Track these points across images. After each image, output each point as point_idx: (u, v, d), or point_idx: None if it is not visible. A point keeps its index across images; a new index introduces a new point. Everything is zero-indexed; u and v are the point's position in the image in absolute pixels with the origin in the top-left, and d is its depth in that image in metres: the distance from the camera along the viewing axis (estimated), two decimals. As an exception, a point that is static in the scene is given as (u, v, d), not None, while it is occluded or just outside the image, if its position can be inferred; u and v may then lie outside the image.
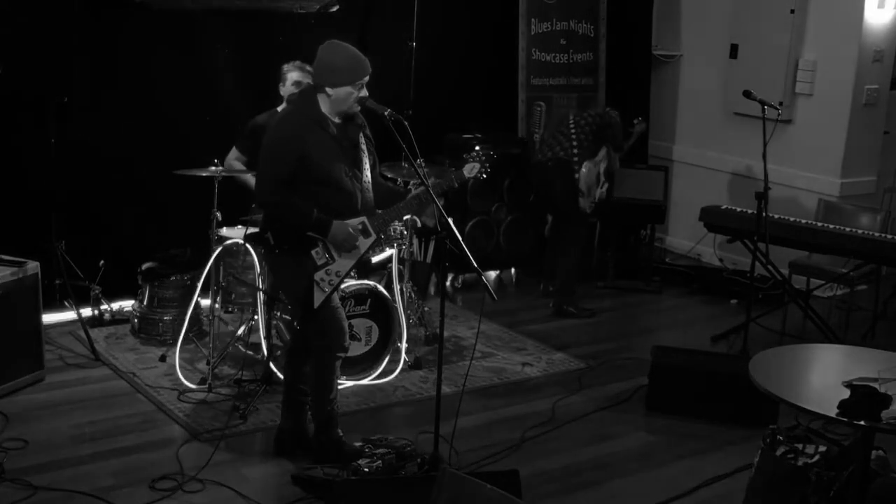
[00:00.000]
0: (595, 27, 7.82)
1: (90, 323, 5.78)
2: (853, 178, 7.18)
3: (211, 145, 5.48)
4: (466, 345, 5.96)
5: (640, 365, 5.65)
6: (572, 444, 4.85)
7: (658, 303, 7.16)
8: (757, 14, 7.45)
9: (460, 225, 6.62)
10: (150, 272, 5.79)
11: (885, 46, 7.09)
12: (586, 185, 6.53)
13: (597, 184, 6.58)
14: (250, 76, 6.34)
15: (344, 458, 4.33)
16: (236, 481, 4.27)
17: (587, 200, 6.56)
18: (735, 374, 4.90)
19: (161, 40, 6.09)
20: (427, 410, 4.61)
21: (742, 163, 7.43)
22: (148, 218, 6.15)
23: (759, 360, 3.89)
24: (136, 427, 4.74)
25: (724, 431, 5.02)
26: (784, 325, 6.42)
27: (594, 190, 6.59)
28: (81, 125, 5.86)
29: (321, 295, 4.23)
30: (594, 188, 6.58)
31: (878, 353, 4.06)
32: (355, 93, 4.20)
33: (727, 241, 6.64)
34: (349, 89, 4.20)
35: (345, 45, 4.28)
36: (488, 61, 7.48)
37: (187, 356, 5.44)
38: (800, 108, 7.36)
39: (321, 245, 4.23)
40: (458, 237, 4.13)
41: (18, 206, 5.75)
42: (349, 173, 4.29)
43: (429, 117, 6.75)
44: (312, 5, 6.47)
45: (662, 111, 8.28)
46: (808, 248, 6.35)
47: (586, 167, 6.49)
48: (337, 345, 4.37)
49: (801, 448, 3.89)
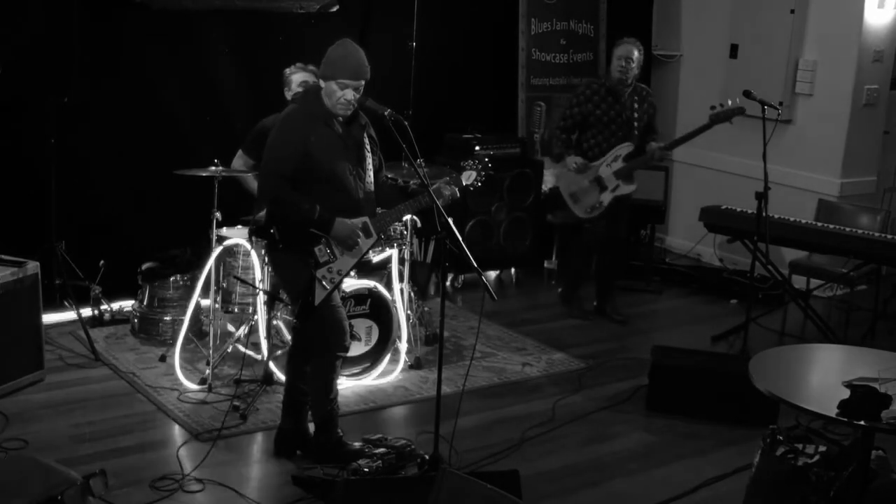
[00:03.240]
0: (595, 27, 7.82)
1: (90, 323, 5.78)
2: (853, 178, 7.18)
3: (211, 145, 5.48)
4: (466, 345, 5.96)
5: (640, 365, 5.65)
6: (572, 444, 4.85)
7: (658, 303, 7.16)
8: (757, 14, 7.45)
9: (460, 225, 6.61)
10: (150, 272, 5.79)
11: (885, 46, 7.09)
12: (567, 193, 6.34)
13: (597, 188, 6.25)
14: (250, 76, 6.35)
15: (344, 458, 4.33)
16: (236, 481, 4.27)
17: (580, 207, 6.33)
18: (735, 374, 4.90)
19: (161, 40, 6.09)
20: (427, 410, 4.62)
21: (742, 163, 7.43)
22: (148, 218, 6.15)
23: (759, 360, 3.89)
24: (136, 427, 4.74)
25: (724, 431, 5.02)
26: (784, 325, 6.42)
27: (588, 196, 6.27)
28: (81, 125, 5.86)
29: (322, 292, 4.24)
30: (588, 194, 6.27)
31: (878, 353, 4.06)
32: (338, 91, 4.17)
33: (727, 241, 6.64)
34: (333, 85, 4.18)
35: (351, 45, 4.27)
36: (488, 61, 7.48)
37: (187, 356, 5.44)
38: (800, 108, 7.36)
39: (324, 242, 4.25)
40: (458, 237, 4.13)
41: (18, 207, 5.75)
42: (353, 172, 4.29)
43: (429, 117, 6.76)
44: (312, 5, 6.47)
45: (662, 111, 8.26)
46: (808, 248, 6.35)
47: (555, 174, 6.35)
48: (337, 344, 4.37)
49: (801, 448, 3.89)
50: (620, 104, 6.18)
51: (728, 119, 5.99)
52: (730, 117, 5.98)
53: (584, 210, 6.33)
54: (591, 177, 6.23)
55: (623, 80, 6.15)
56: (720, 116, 5.96)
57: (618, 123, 6.19)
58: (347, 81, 4.17)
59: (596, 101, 6.21)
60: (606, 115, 6.19)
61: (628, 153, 6.19)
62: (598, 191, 6.26)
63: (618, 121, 6.19)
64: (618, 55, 6.17)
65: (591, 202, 6.29)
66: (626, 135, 6.21)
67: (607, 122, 6.20)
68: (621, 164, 6.20)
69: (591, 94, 6.23)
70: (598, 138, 6.24)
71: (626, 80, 6.14)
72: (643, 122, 6.26)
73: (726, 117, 5.97)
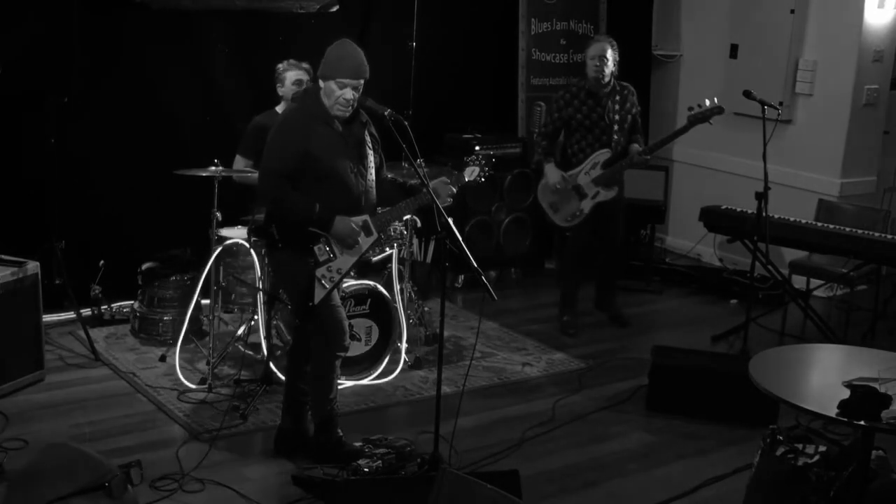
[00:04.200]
0: (595, 27, 7.82)
1: (90, 323, 5.78)
2: (853, 178, 7.18)
3: (211, 145, 5.48)
4: (466, 345, 5.96)
5: (640, 365, 5.65)
6: (572, 444, 4.85)
7: (658, 303, 7.16)
8: (757, 14, 7.45)
9: (460, 225, 6.61)
10: (150, 272, 5.79)
11: (885, 46, 7.09)
12: (547, 203, 6.25)
13: (576, 196, 6.12)
14: (250, 76, 6.34)
15: (344, 458, 4.33)
16: (236, 481, 4.27)
17: (559, 216, 6.22)
18: (735, 374, 4.90)
19: (161, 40, 6.09)
20: (427, 410, 4.61)
21: (742, 163, 7.43)
22: (148, 218, 6.15)
23: (759, 360, 3.89)
24: (136, 427, 4.75)
25: (724, 431, 5.02)
26: (784, 325, 6.42)
27: (567, 205, 6.16)
28: (81, 125, 5.86)
29: (322, 291, 4.24)
30: (567, 203, 6.15)
31: (878, 353, 4.06)
32: (337, 91, 4.17)
33: (727, 241, 6.64)
34: (332, 85, 4.19)
35: (350, 45, 4.27)
36: (488, 61, 7.48)
37: (187, 356, 5.44)
38: (800, 108, 7.36)
39: (324, 241, 4.25)
40: (458, 237, 4.13)
41: (18, 206, 5.75)
42: (353, 170, 4.30)
43: (429, 117, 6.76)
44: (312, 5, 6.47)
45: (662, 111, 8.28)
46: (808, 248, 6.35)
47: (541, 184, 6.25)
48: (337, 344, 4.37)
49: (801, 448, 3.89)
50: (602, 106, 6.05)
51: (706, 119, 5.91)
52: (708, 118, 5.91)
53: (565, 219, 6.23)
54: (570, 185, 6.14)
55: (599, 80, 6.00)
56: (698, 117, 5.91)
57: (601, 127, 6.06)
58: (347, 81, 4.17)
59: (576, 104, 6.09)
60: (588, 118, 6.07)
61: (606, 160, 6.06)
62: (578, 199, 6.14)
63: (600, 124, 6.06)
64: (591, 55, 6.03)
65: (572, 210, 6.17)
66: (608, 139, 6.08)
67: (590, 127, 6.07)
68: (600, 171, 6.07)
69: (570, 98, 6.11)
70: (582, 143, 6.12)
71: (601, 80, 6.00)
72: (626, 123, 6.11)
73: (704, 118, 5.91)
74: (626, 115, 6.11)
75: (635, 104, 6.18)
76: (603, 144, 6.09)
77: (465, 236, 6.58)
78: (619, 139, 6.07)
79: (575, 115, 6.10)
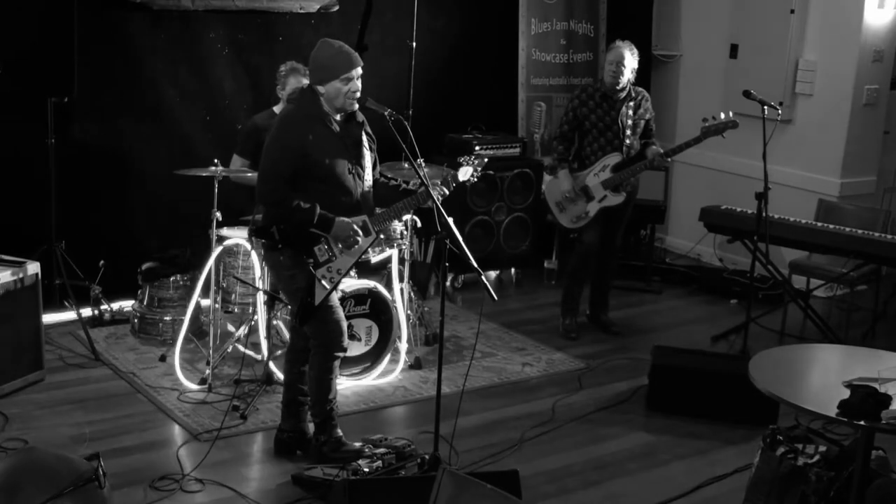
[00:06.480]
0: (595, 27, 7.82)
1: (90, 323, 5.78)
2: (853, 178, 7.17)
3: (211, 145, 5.49)
4: (466, 345, 5.96)
5: (640, 365, 5.65)
6: (572, 444, 4.85)
7: (658, 303, 7.16)
8: (757, 14, 7.45)
9: (460, 225, 6.61)
10: (150, 272, 5.78)
11: (885, 46, 7.09)
12: (554, 202, 6.22)
13: (583, 198, 6.09)
14: (250, 76, 6.35)
15: (344, 458, 4.33)
16: (236, 481, 4.27)
17: (565, 217, 6.18)
18: (735, 374, 4.90)
19: (161, 40, 6.09)
20: (427, 410, 4.62)
21: (742, 163, 7.43)
22: (148, 218, 6.15)
23: (759, 360, 3.89)
24: (136, 427, 4.75)
25: (724, 431, 5.02)
26: (784, 325, 6.42)
27: (574, 206, 6.12)
28: (81, 125, 5.86)
29: (322, 291, 4.25)
30: (574, 204, 6.11)
31: (878, 353, 4.06)
32: (343, 87, 4.19)
33: (727, 241, 6.63)
34: (337, 84, 4.20)
35: (332, 41, 4.29)
36: (488, 61, 7.48)
37: (187, 356, 5.44)
38: (800, 108, 7.36)
39: (323, 241, 4.25)
40: (458, 237, 4.13)
41: (18, 207, 5.75)
42: (352, 170, 4.31)
43: (429, 117, 6.75)
44: (312, 5, 6.48)
45: (662, 111, 8.27)
46: (808, 248, 6.35)
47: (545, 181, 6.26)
48: (335, 345, 4.37)
49: (801, 448, 3.89)
50: (616, 111, 6.05)
51: (720, 132, 5.90)
52: (721, 131, 5.90)
53: (570, 220, 6.20)
54: (578, 186, 6.13)
55: (614, 85, 6.00)
56: (711, 130, 5.90)
57: (613, 131, 6.06)
58: (349, 74, 4.20)
59: (591, 105, 6.08)
60: (602, 120, 6.07)
61: (616, 163, 6.04)
62: (585, 200, 6.12)
63: (613, 128, 6.05)
64: (609, 60, 6.04)
65: (577, 212, 6.14)
66: (620, 143, 6.07)
67: (602, 129, 6.06)
68: (609, 175, 6.04)
69: (586, 98, 6.10)
70: (594, 146, 6.09)
71: (617, 85, 5.99)
72: (639, 128, 6.11)
73: (717, 131, 5.90)
74: (640, 120, 6.12)
75: (649, 109, 6.19)
76: (615, 148, 6.07)
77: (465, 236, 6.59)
78: (631, 143, 6.08)
79: (589, 115, 6.10)
